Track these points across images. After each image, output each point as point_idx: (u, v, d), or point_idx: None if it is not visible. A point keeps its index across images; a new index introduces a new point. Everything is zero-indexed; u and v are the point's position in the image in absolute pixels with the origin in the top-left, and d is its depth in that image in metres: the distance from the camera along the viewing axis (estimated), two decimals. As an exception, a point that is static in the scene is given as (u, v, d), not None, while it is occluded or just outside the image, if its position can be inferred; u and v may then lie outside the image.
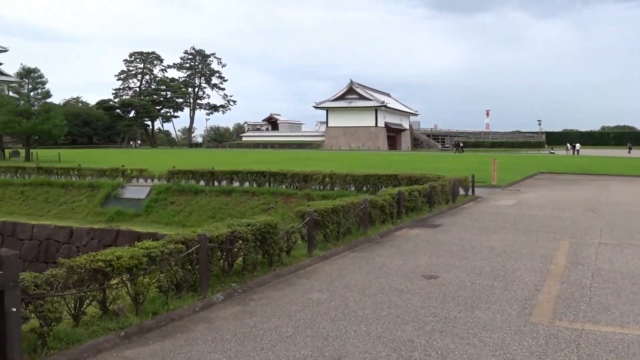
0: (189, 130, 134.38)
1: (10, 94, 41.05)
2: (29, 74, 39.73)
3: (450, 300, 7.10)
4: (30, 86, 40.32)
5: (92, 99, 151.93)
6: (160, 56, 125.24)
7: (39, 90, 40.50)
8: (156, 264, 6.39)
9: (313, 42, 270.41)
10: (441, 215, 15.32)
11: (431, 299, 7.15)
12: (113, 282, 5.98)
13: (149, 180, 23.62)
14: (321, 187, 20.64)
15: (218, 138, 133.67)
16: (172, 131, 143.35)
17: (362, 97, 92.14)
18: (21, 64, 37.40)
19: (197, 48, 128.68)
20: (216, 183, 22.25)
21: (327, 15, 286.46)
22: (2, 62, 53.32)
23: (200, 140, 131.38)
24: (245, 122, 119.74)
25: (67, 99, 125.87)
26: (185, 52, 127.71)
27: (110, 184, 22.99)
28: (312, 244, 9.81)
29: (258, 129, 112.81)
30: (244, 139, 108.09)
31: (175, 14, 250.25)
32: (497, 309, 6.72)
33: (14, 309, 3.84)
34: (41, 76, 40.14)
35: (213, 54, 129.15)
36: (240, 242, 8.05)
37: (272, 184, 21.37)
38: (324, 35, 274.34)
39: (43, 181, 24.17)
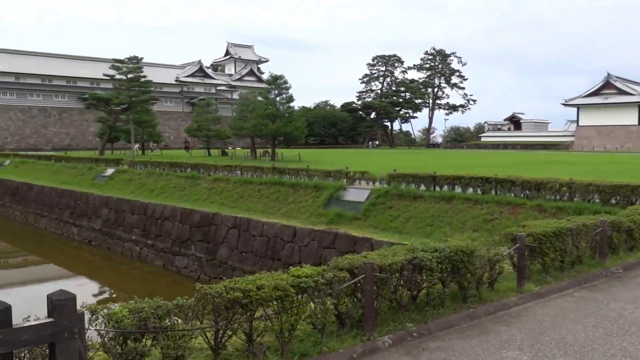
0: (427, 131, 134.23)
1: (260, 99, 45.30)
2: (276, 81, 43.33)
3: None
4: (276, 92, 43.99)
5: (338, 102, 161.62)
6: (401, 58, 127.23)
7: (284, 95, 43.94)
8: (309, 295, 5.43)
9: (563, 33, 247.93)
10: None
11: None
12: (256, 314, 5.20)
13: (370, 183, 23.32)
14: (557, 197, 17.75)
15: (458, 138, 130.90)
16: (411, 132, 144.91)
17: (621, 92, 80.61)
18: (269, 72, 41.06)
19: (438, 48, 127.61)
20: (437, 188, 20.88)
21: (582, 3, 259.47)
22: (263, 71, 59.31)
23: (439, 140, 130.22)
24: (486, 122, 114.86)
25: (317, 102, 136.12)
26: (426, 53, 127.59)
27: (334, 185, 23.26)
28: (523, 276, 7.90)
29: (499, 129, 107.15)
30: (482, 139, 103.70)
31: (418, 16, 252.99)
32: None
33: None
34: (286, 82, 43.47)
35: (453, 53, 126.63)
36: (423, 272, 6.68)
37: (498, 192, 19.14)
38: (576, 26, 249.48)
39: (276, 181, 25.65)
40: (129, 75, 51.86)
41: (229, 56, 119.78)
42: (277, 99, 43.95)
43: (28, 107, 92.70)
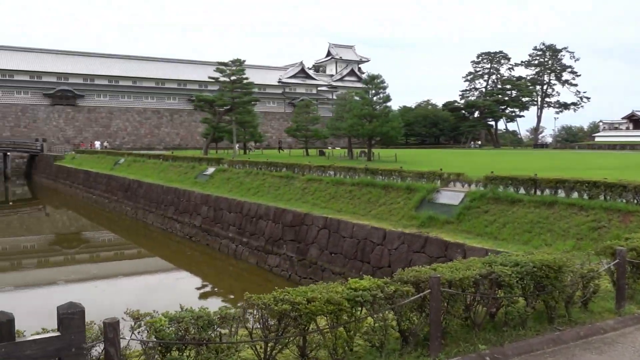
0: (535, 130, 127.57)
1: (357, 99, 45.10)
2: (373, 80, 42.90)
3: None
4: (373, 91, 43.56)
5: (440, 101, 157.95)
6: (507, 55, 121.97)
7: (381, 95, 43.41)
8: (367, 309, 5.04)
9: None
10: None
11: None
12: (310, 327, 4.89)
13: (465, 186, 22.27)
14: (677, 205, 15.90)
15: (569, 138, 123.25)
16: (518, 131, 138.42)
17: None
18: (367, 72, 40.70)
19: (548, 43, 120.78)
20: (538, 192, 19.48)
21: None
22: (364, 71, 59.18)
23: (549, 140, 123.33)
24: (601, 121, 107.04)
25: (418, 101, 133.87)
26: (535, 49, 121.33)
27: (426, 187, 22.47)
28: (623, 296, 6.97)
29: (615, 128, 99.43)
30: (597, 139, 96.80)
31: (526, 10, 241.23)
32: None
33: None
34: (383, 82, 42.90)
35: (565, 48, 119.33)
36: (501, 288, 6.04)
37: (607, 197, 17.49)
38: None
39: (368, 182, 25.27)
40: (232, 78, 53.69)
41: (330, 57, 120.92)
42: (374, 98, 43.53)
43: (143, 109, 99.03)
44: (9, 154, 79.33)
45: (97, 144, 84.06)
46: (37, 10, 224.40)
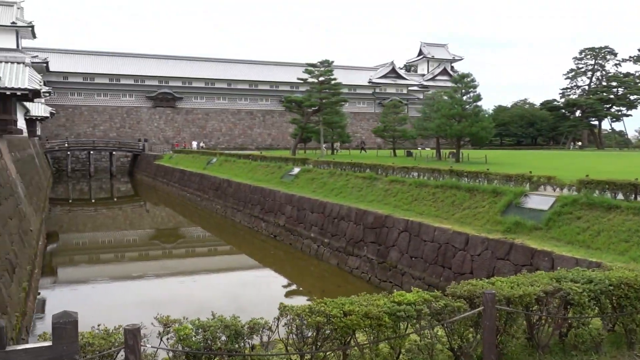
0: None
1: (445, 98, 43.82)
2: (462, 79, 41.50)
3: None
4: (463, 91, 42.13)
5: (537, 100, 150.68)
6: (613, 50, 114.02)
7: (471, 94, 41.89)
8: (412, 324, 4.69)
9: None
10: None
11: None
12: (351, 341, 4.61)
13: (556, 189, 20.87)
14: None
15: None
16: (625, 131, 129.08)
17: None
18: (457, 71, 39.36)
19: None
20: (639, 198, 17.84)
21: None
22: (457, 70, 57.59)
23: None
24: None
25: (515, 101, 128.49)
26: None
27: (514, 190, 21.30)
28: None
29: None
30: None
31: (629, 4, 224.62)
32: None
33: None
34: (473, 80, 41.37)
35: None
36: (571, 307, 5.44)
37: None
38: None
39: (452, 184, 24.39)
40: (320, 78, 54.05)
41: (421, 56, 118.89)
42: (464, 98, 42.12)
43: (237, 110, 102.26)
44: (114, 153, 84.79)
45: (194, 144, 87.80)
46: (144, 17, 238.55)
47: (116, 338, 3.74)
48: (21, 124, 48.54)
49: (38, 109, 54.98)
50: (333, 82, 54.19)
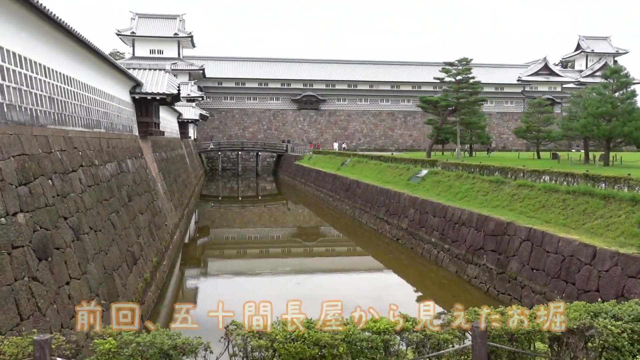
0: None
1: (595, 95, 39.52)
2: (613, 74, 37.11)
3: None
4: (614, 87, 37.70)
5: None
6: None
7: (624, 91, 37.31)
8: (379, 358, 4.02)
9: None
10: None
11: None
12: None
13: None
14: None
15: None
16: None
17: None
18: (607, 64, 35.29)
19: None
20: None
21: None
22: (621, 65, 52.02)
23: None
24: None
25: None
26: None
27: (658, 200, 18.47)
28: None
29: None
30: None
31: None
32: None
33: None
34: (627, 75, 36.79)
35: None
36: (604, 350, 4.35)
37: None
38: None
39: (585, 190, 21.81)
40: (457, 77, 52.05)
41: (579, 50, 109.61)
42: (615, 94, 37.70)
43: (378, 112, 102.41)
44: (260, 154, 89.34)
45: (336, 145, 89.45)
46: (297, 23, 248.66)
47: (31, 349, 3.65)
48: (174, 126, 53.01)
49: (189, 112, 59.61)
50: (471, 80, 51.89)
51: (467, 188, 29.68)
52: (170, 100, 31.02)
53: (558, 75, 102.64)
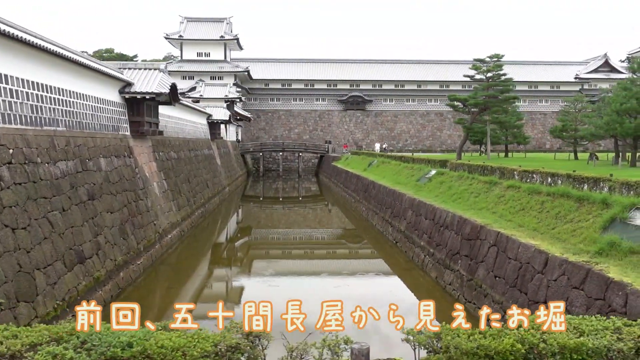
0: None
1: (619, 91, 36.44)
2: (640, 69, 34.04)
3: None
4: (642, 81, 34.62)
5: None
6: None
7: (653, 86, 34.14)
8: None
9: None
10: None
11: None
12: None
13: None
14: None
15: None
16: None
17: None
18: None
19: None
20: None
21: None
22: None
23: None
24: None
25: None
26: None
27: (624, 201, 16.51)
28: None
29: None
30: None
31: None
32: None
33: None
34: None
35: None
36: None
37: None
38: None
39: (564, 192, 19.94)
40: (488, 75, 49.84)
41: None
42: (644, 90, 34.57)
43: (426, 112, 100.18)
44: (301, 154, 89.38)
45: (377, 145, 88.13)
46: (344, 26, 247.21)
47: None
48: (198, 127, 53.71)
49: (219, 113, 60.33)
50: (503, 77, 49.50)
51: (463, 189, 28.15)
52: (165, 99, 31.27)
53: (620, 72, 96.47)
